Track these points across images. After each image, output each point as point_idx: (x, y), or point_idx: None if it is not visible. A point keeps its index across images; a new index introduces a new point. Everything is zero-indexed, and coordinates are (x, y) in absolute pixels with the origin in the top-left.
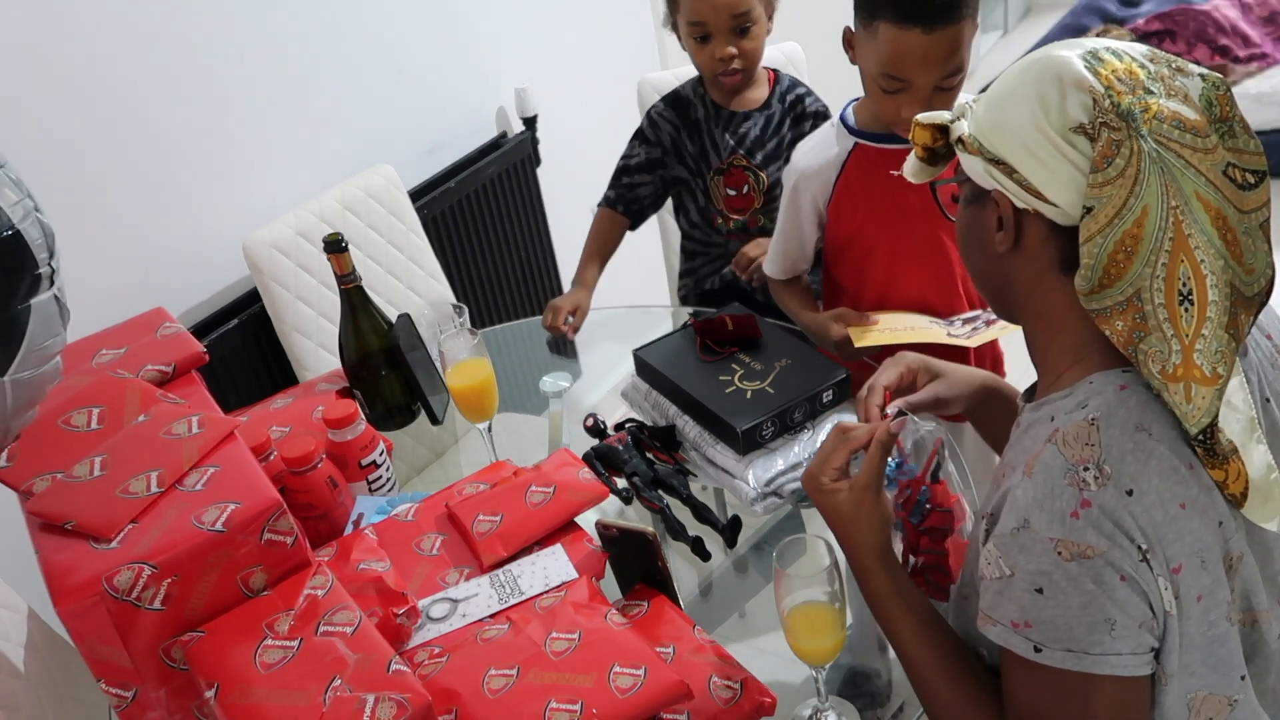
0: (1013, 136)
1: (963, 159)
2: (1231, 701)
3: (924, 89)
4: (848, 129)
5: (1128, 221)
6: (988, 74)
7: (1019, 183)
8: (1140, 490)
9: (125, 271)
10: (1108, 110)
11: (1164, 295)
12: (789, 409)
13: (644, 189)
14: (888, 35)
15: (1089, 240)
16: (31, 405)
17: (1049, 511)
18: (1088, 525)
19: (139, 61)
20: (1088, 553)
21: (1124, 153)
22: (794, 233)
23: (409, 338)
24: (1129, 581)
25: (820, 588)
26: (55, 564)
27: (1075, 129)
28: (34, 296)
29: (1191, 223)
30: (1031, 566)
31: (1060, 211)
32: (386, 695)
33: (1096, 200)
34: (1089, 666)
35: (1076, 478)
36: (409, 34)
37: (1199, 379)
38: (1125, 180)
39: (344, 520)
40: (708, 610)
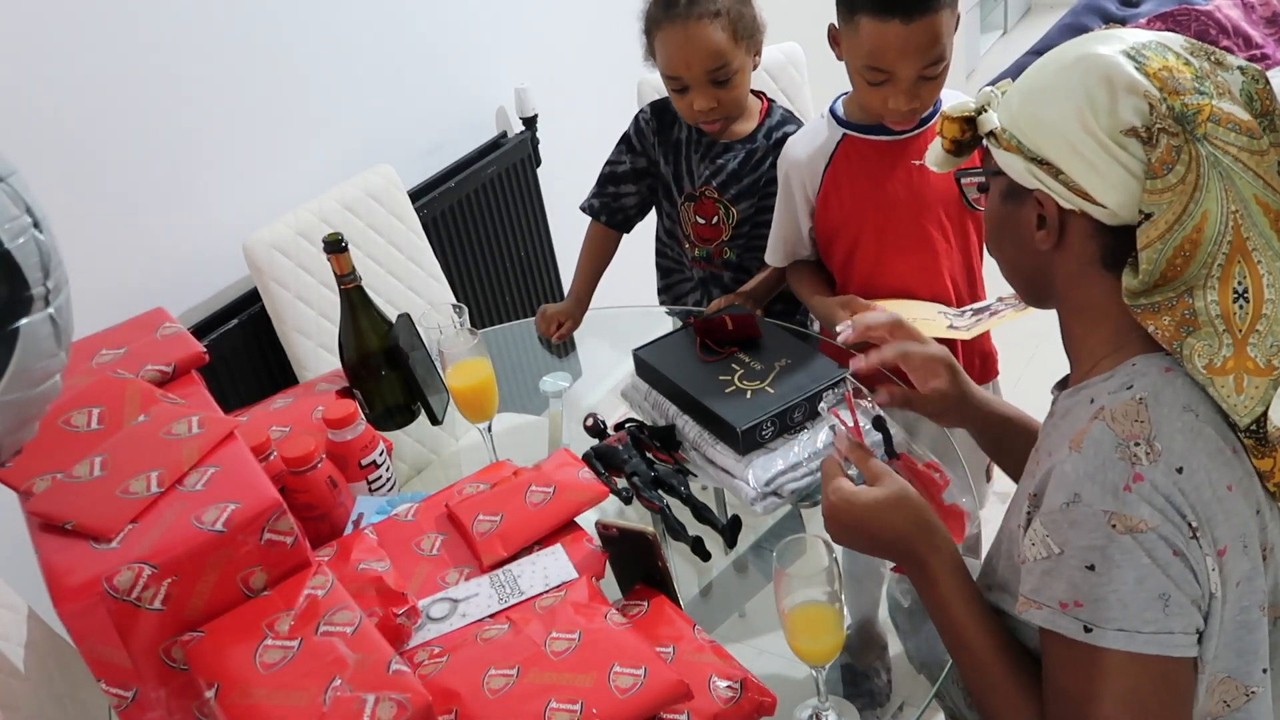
0: (1058, 137)
1: (998, 155)
2: (1249, 692)
3: (907, 79)
4: (836, 120)
5: (1187, 227)
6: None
7: (1065, 184)
8: (1190, 469)
9: (125, 271)
10: (1164, 115)
11: (1218, 294)
12: (789, 409)
13: (629, 198)
14: (868, 28)
15: (1148, 246)
16: (27, 425)
17: (1101, 484)
18: (1140, 499)
19: (139, 61)
20: (1140, 526)
21: (1183, 159)
22: (789, 220)
23: (409, 338)
24: (1181, 557)
25: (820, 588)
26: (55, 564)
27: (1127, 132)
28: (24, 318)
29: (1250, 226)
30: (1083, 542)
31: (1108, 212)
32: (386, 695)
33: (1155, 206)
34: (1142, 647)
35: (1128, 452)
36: (409, 34)
37: (1252, 370)
38: (1185, 187)
39: (344, 520)
40: (708, 610)
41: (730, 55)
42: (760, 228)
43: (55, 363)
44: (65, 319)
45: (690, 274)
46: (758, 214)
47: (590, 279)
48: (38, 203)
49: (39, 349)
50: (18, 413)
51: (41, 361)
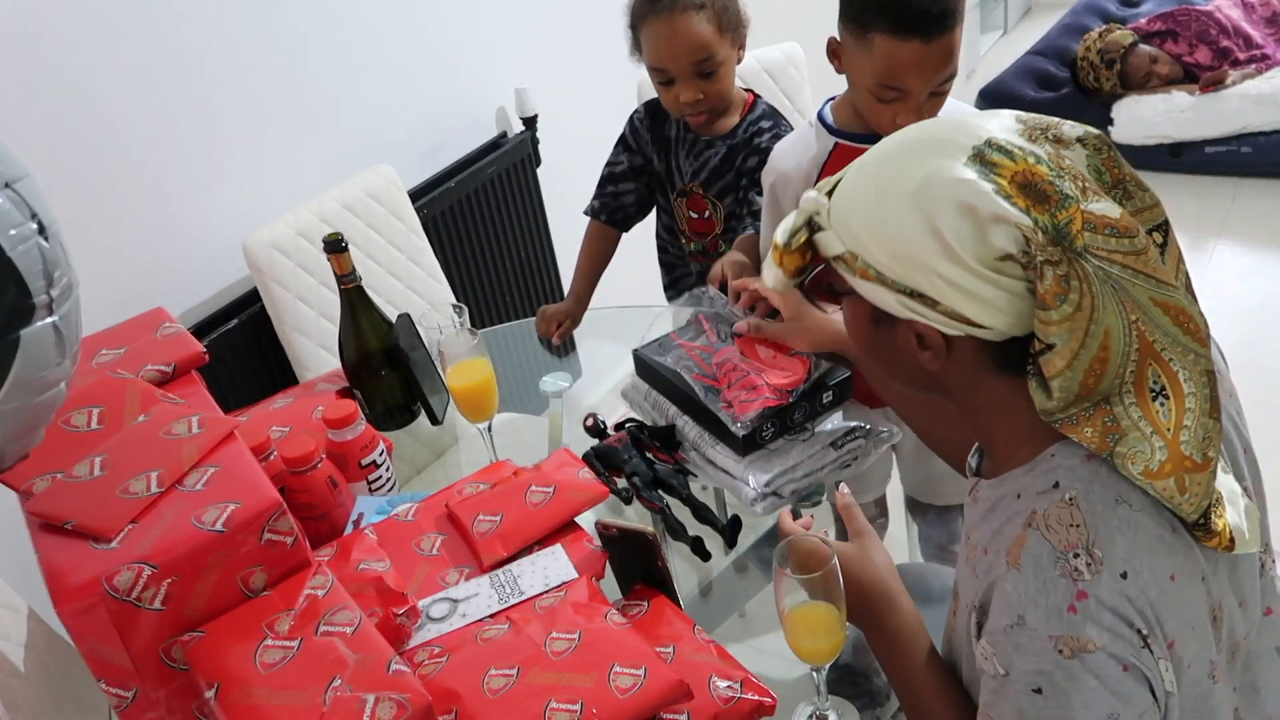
0: (924, 270)
1: (858, 285)
2: None
3: (919, 96)
4: (827, 128)
5: (1092, 349)
6: (988, 73)
7: (944, 313)
8: (1134, 570)
9: (125, 271)
10: (1042, 244)
11: (1134, 397)
12: (790, 409)
13: (628, 196)
14: (885, 47)
15: (1057, 375)
16: (30, 433)
17: (1044, 608)
18: (1086, 619)
19: (139, 61)
20: (1089, 646)
21: (1074, 285)
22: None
23: (409, 338)
24: (1131, 671)
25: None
26: (55, 564)
27: (1003, 258)
28: (25, 327)
29: (1154, 329)
30: (1029, 666)
31: (996, 332)
32: (386, 695)
33: (1056, 338)
34: None
35: (1068, 567)
36: (409, 34)
37: (1190, 468)
38: (1082, 314)
39: (344, 520)
40: (708, 610)
41: (715, 47)
42: (744, 218)
43: (59, 371)
44: (70, 327)
45: (691, 269)
46: (740, 208)
47: (590, 279)
48: (47, 208)
49: (41, 358)
50: (20, 421)
51: (44, 370)
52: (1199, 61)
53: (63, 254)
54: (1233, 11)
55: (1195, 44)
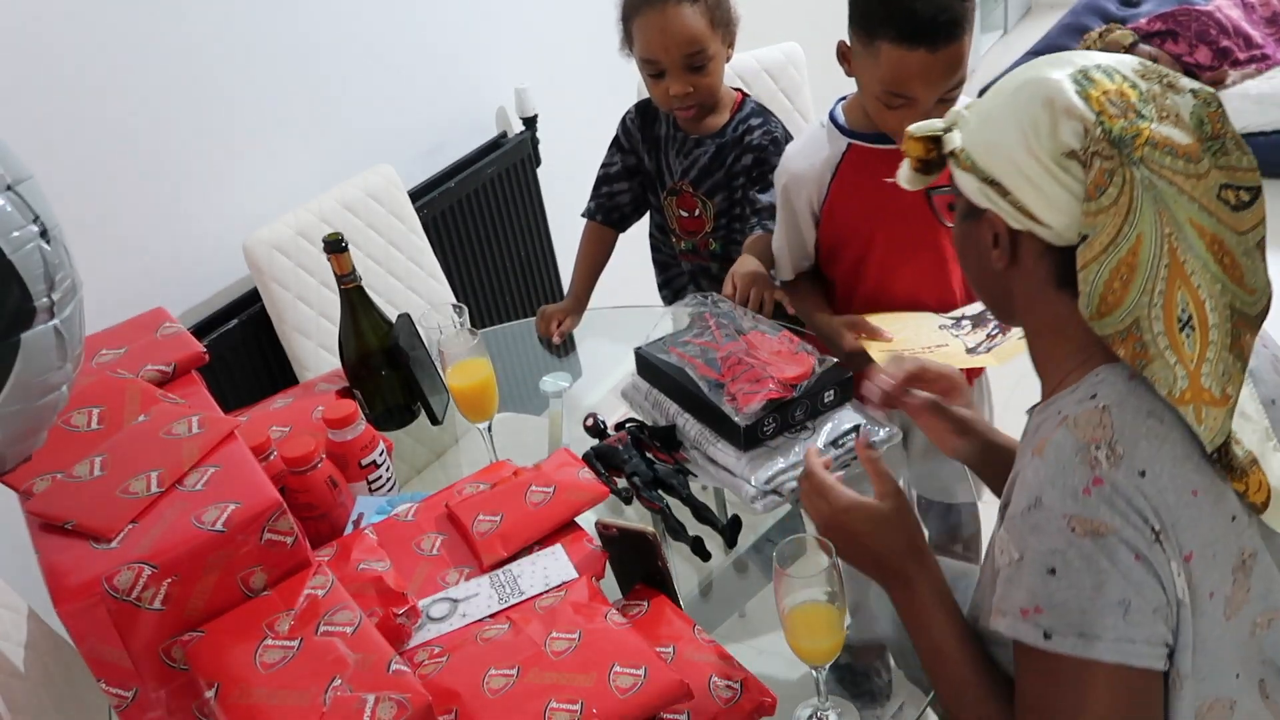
0: (1005, 158)
1: (956, 174)
2: (1231, 704)
3: (927, 103)
4: (839, 129)
5: (1122, 250)
6: (988, 74)
7: (1013, 204)
8: (1153, 473)
9: (125, 271)
10: (1099, 139)
11: (1163, 323)
12: (791, 407)
13: (623, 196)
14: (891, 56)
15: (1085, 267)
16: (30, 435)
17: (1061, 488)
18: (1100, 501)
19: (139, 61)
20: (1101, 529)
21: (1116, 181)
22: (793, 234)
23: (409, 338)
24: (1143, 561)
25: (820, 588)
26: (55, 564)
27: (1067, 154)
28: (26, 330)
29: (1186, 249)
30: (1044, 546)
31: (1054, 233)
32: (386, 695)
33: (1091, 228)
34: (1100, 654)
35: (1089, 455)
36: (409, 34)
37: (1208, 400)
38: (1118, 209)
39: (344, 520)
40: (708, 610)
41: (706, 40)
42: (736, 219)
43: (60, 375)
44: (72, 330)
45: (683, 267)
46: (732, 206)
47: (589, 279)
48: (50, 211)
49: (42, 361)
50: (21, 424)
51: (45, 374)
52: (1199, 61)
53: (65, 257)
54: (1233, 11)
55: (1195, 44)
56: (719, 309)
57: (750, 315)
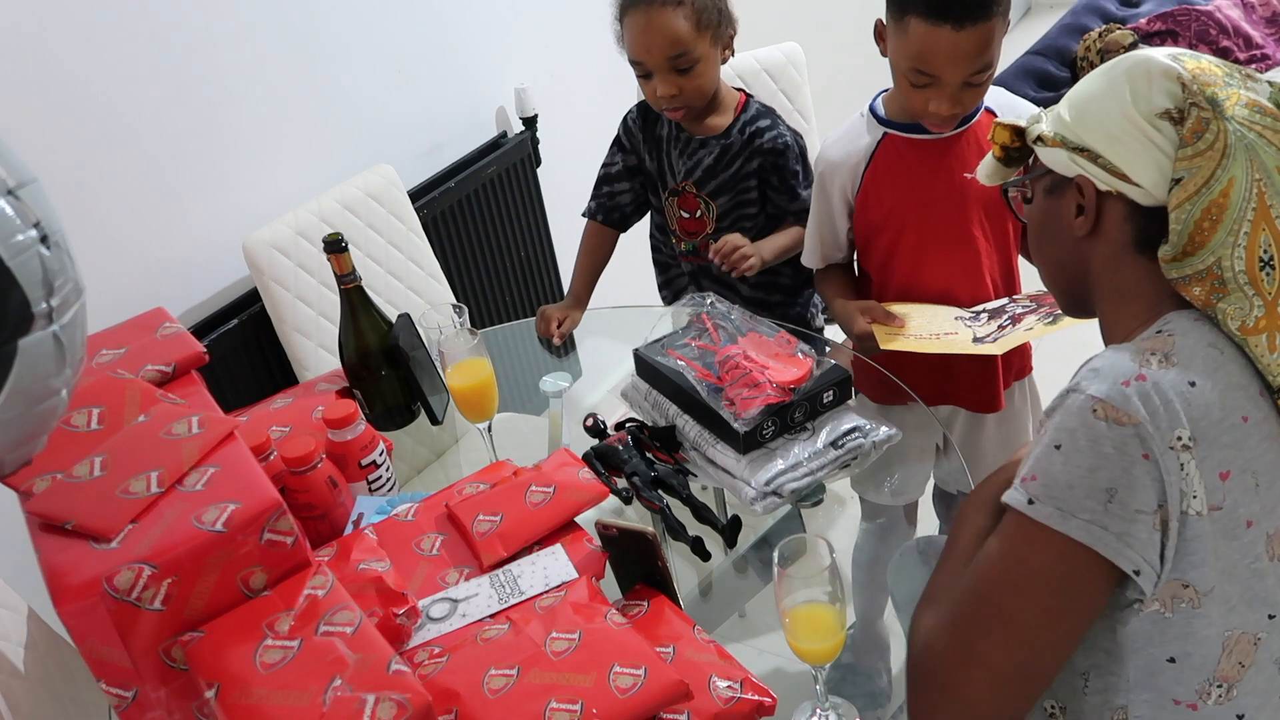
0: (1099, 125)
1: (1043, 154)
2: (1256, 640)
3: (952, 84)
4: (877, 119)
5: (1214, 191)
6: None
7: (1104, 167)
8: (1203, 387)
9: (125, 271)
10: (1196, 94)
11: (1244, 262)
12: (790, 409)
13: (624, 196)
14: (918, 31)
15: (1178, 207)
16: (29, 441)
17: (1102, 376)
18: (1135, 394)
19: (139, 61)
20: (1122, 419)
21: (1212, 129)
22: (825, 222)
23: (409, 338)
24: (1150, 462)
25: (820, 588)
26: (55, 564)
27: (1161, 114)
28: (24, 336)
29: (1274, 194)
30: (1062, 424)
31: (1143, 192)
32: (386, 695)
33: (1186, 171)
34: (1071, 530)
35: (1142, 358)
36: (409, 34)
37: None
38: (1214, 153)
39: (344, 520)
40: (708, 610)
41: (691, 44)
42: (742, 220)
43: (59, 381)
44: (72, 337)
45: (683, 269)
46: (738, 207)
47: (589, 279)
48: (53, 215)
49: (40, 367)
50: (19, 430)
51: (44, 380)
52: None
53: (67, 262)
54: (1233, 11)
55: (1195, 44)
56: (717, 310)
57: (748, 316)
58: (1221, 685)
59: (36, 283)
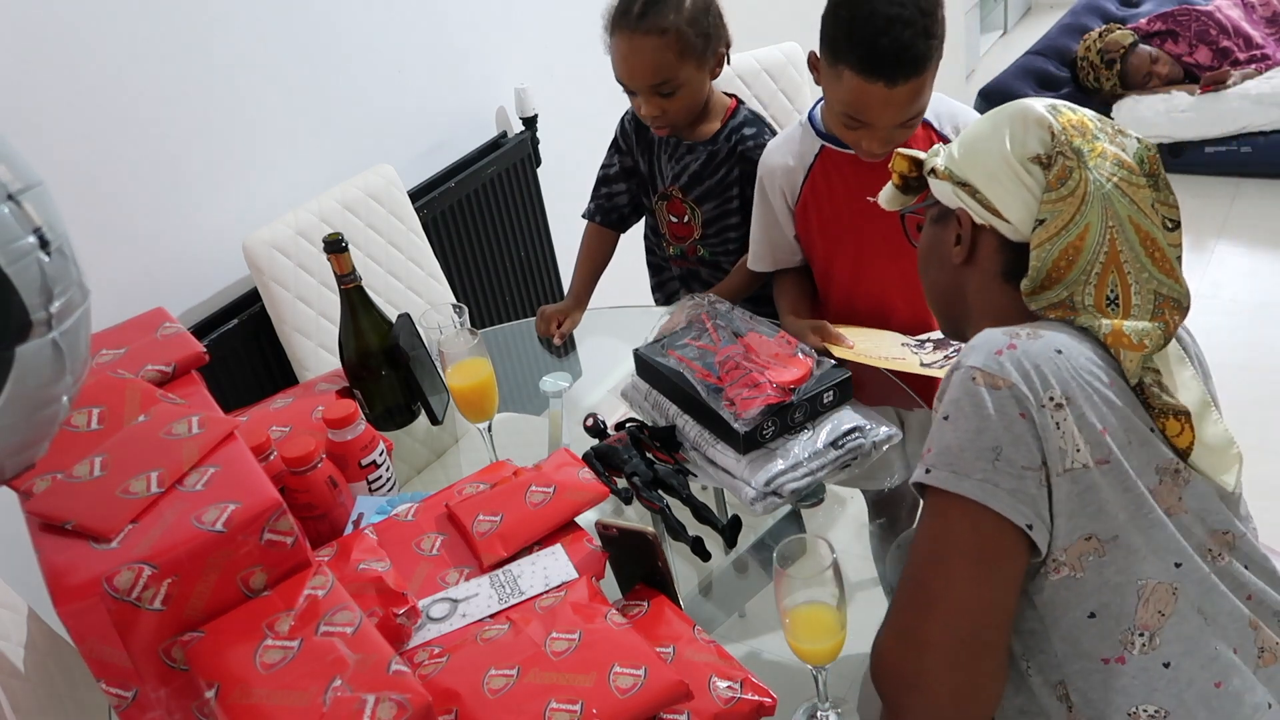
0: (980, 164)
1: (933, 185)
2: (1173, 589)
3: (885, 129)
4: (815, 131)
5: (1072, 234)
6: (987, 74)
7: (980, 202)
8: (1070, 354)
9: (125, 271)
10: (1064, 144)
11: (1093, 299)
12: (790, 409)
13: (622, 197)
14: (851, 83)
15: (1039, 246)
16: (30, 446)
17: (978, 350)
18: (1008, 360)
19: (139, 61)
20: (998, 383)
21: (1075, 177)
22: (770, 226)
23: (409, 338)
24: (1027, 420)
25: (820, 588)
26: (55, 564)
27: (1032, 159)
28: (21, 343)
29: (1124, 241)
30: (948, 397)
31: (1011, 228)
32: (386, 695)
33: (1049, 213)
34: (966, 490)
35: (1012, 332)
36: (409, 34)
37: (1127, 345)
38: (1074, 199)
39: (344, 520)
40: (708, 610)
41: (672, 71)
42: (728, 229)
43: (60, 387)
44: (72, 344)
45: (674, 271)
46: (722, 215)
47: (589, 280)
48: (56, 221)
49: (39, 375)
50: (18, 435)
51: (43, 387)
52: (1199, 61)
53: (70, 268)
54: (1233, 11)
55: (1195, 44)
56: (717, 310)
57: (748, 316)
58: (1143, 634)
59: (34, 289)
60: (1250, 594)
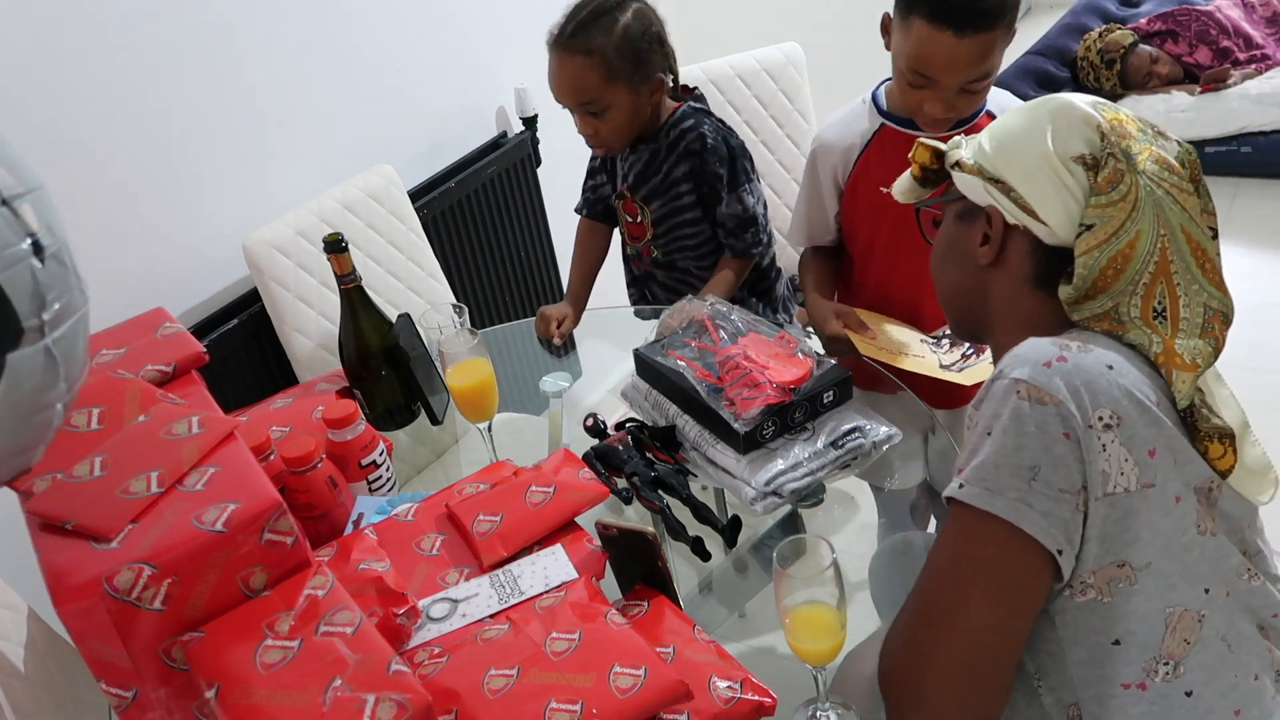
0: (1016, 160)
1: (959, 179)
2: (1200, 617)
3: (948, 89)
4: (877, 109)
5: (1122, 242)
6: None
7: (1015, 201)
8: (1120, 370)
9: (125, 271)
10: (1113, 145)
11: (1139, 310)
12: (790, 409)
13: (605, 188)
14: (920, 32)
15: (1085, 254)
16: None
17: (1024, 360)
18: (1057, 374)
19: (140, 61)
20: (1044, 398)
21: (1126, 181)
22: (814, 202)
23: (409, 338)
24: (1071, 441)
25: (820, 588)
26: (55, 564)
27: (1075, 159)
28: (12, 351)
29: (1175, 251)
30: (989, 411)
31: (1047, 230)
32: (386, 695)
33: (1098, 219)
34: (998, 508)
35: (1062, 344)
36: (409, 34)
37: (1180, 365)
38: (1125, 204)
39: (344, 520)
40: (708, 610)
41: (598, 93)
42: (679, 226)
43: (52, 395)
44: (66, 351)
45: (634, 271)
46: (671, 214)
47: (586, 277)
48: (55, 226)
49: (30, 382)
50: (11, 442)
51: (35, 395)
52: (1199, 61)
53: (66, 274)
54: (1233, 11)
55: (1195, 44)
56: (717, 310)
57: (749, 316)
58: (1168, 663)
59: (26, 297)
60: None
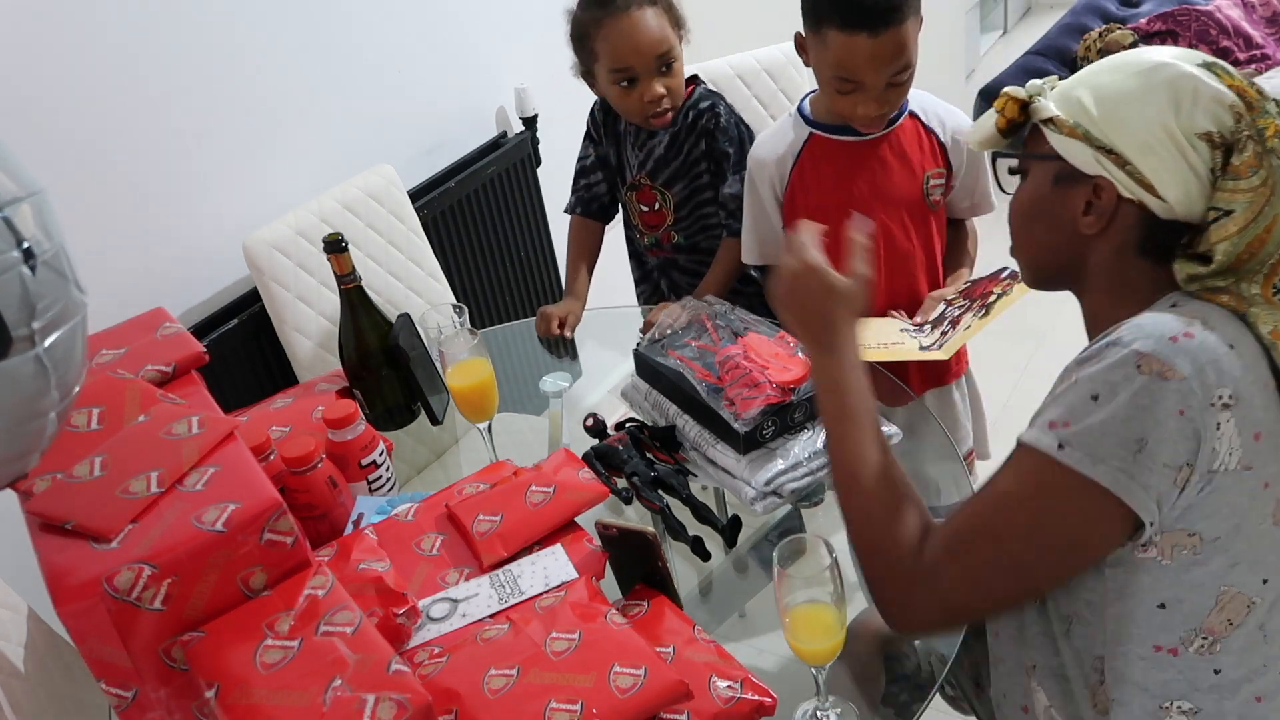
0: (1130, 131)
1: (1059, 141)
2: (1250, 603)
3: (875, 88)
4: (804, 119)
5: (1260, 225)
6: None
7: (1130, 174)
8: (1241, 350)
9: (125, 271)
10: (1250, 124)
11: (1260, 287)
12: (790, 409)
13: (600, 186)
14: (836, 41)
15: (1224, 240)
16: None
17: (1148, 333)
18: (1184, 349)
19: (140, 61)
20: (1168, 374)
21: (1266, 165)
22: (760, 219)
23: (409, 338)
24: (1185, 419)
25: (820, 587)
26: (55, 564)
27: (1202, 135)
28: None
29: None
30: (1101, 374)
31: (1164, 206)
32: (386, 695)
33: (1238, 205)
34: (1100, 476)
35: (1186, 319)
36: (409, 34)
37: None
38: (1265, 189)
39: (344, 520)
40: (708, 610)
41: (673, 41)
42: (701, 206)
43: (45, 403)
44: (59, 359)
45: (650, 263)
46: (694, 194)
47: (584, 273)
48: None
49: (20, 390)
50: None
51: (27, 403)
52: None
53: (60, 282)
54: (1233, 11)
55: (1195, 44)
56: (716, 310)
57: (749, 316)
58: (1207, 637)
59: (15, 305)
60: None
